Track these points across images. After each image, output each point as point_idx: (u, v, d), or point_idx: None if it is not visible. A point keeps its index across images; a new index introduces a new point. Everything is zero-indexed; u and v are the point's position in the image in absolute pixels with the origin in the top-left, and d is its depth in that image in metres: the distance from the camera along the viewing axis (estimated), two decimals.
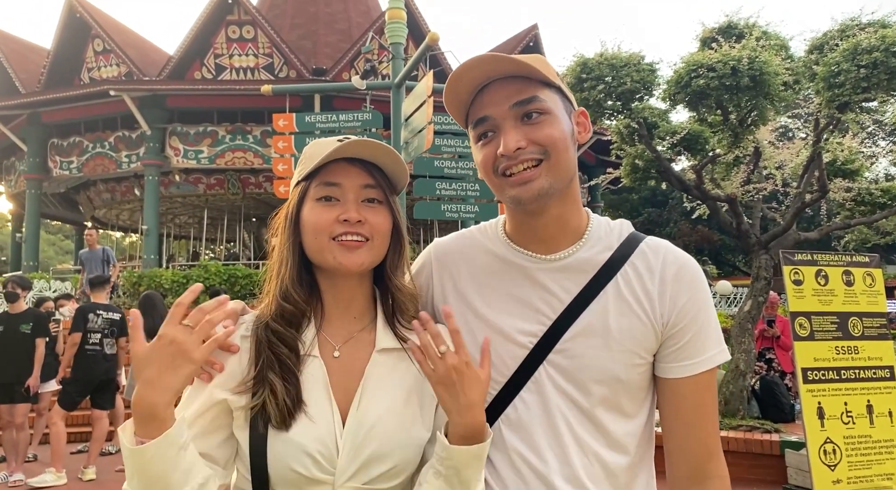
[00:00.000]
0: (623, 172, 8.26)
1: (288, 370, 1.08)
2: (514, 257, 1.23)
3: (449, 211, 7.78)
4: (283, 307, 1.13)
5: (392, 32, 7.65)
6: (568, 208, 1.20)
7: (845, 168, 7.77)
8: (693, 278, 1.19)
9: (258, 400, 1.06)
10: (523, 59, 1.13)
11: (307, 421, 1.07)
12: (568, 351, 1.16)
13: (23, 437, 6.36)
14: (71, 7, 18.76)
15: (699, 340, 1.17)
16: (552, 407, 1.16)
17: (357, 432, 1.09)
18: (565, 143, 1.15)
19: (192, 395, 1.11)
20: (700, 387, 1.17)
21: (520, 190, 1.14)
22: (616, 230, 1.25)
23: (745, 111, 6.72)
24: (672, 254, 1.21)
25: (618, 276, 1.18)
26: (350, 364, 1.15)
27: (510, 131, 1.13)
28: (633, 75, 7.02)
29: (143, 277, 13.87)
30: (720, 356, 1.18)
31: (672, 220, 28.78)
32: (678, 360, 1.17)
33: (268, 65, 18.35)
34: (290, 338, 1.12)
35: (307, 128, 8.48)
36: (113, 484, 6.20)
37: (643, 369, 1.18)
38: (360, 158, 1.16)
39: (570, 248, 1.20)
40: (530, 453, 1.16)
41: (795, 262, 4.78)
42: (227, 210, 21.37)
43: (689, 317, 1.16)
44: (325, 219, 1.13)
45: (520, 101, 1.14)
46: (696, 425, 1.17)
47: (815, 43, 7.12)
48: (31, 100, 18.26)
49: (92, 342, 6.43)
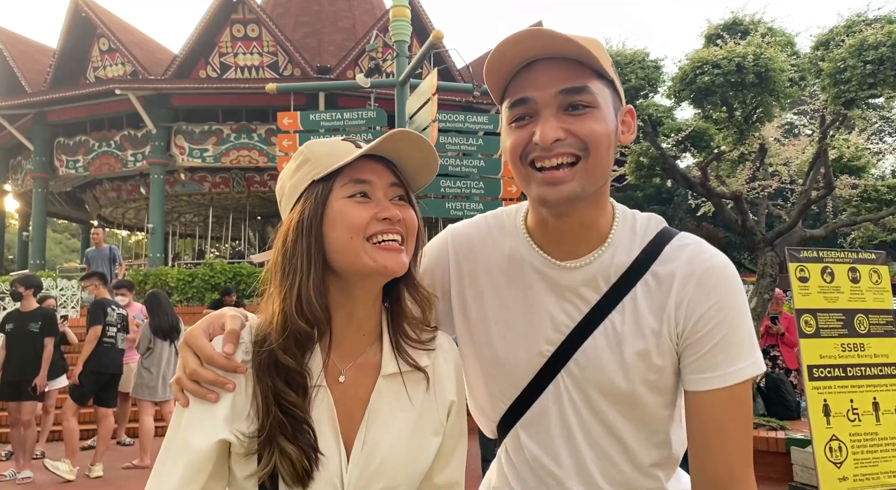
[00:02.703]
0: (628, 170, 8.24)
1: (299, 426, 0.98)
2: (533, 258, 1.15)
3: (453, 209, 7.79)
4: (297, 328, 1.00)
5: (396, 30, 7.66)
6: (596, 211, 1.11)
7: (851, 165, 7.73)
8: (720, 282, 1.07)
9: (268, 467, 0.95)
10: (580, 40, 1.01)
11: (320, 469, 1.00)
12: (584, 361, 1.11)
13: (30, 434, 6.40)
14: (76, 6, 18.81)
15: (723, 351, 1.04)
16: (569, 414, 1.13)
17: (364, 469, 1.03)
18: (608, 141, 1.04)
19: (188, 419, 1.00)
20: (725, 401, 1.04)
21: (547, 190, 1.03)
22: (641, 230, 1.14)
23: (751, 108, 6.70)
24: (700, 255, 1.09)
25: (639, 284, 1.10)
26: (354, 390, 1.07)
27: (550, 119, 1.02)
28: (638, 72, 7.00)
29: (148, 276, 13.93)
30: (751, 369, 1.05)
31: (677, 217, 28.71)
32: (698, 372, 1.06)
33: (272, 63, 18.37)
34: (299, 376, 1.00)
35: (312, 126, 8.50)
36: (120, 481, 6.24)
37: (662, 377, 1.10)
38: (383, 156, 1.08)
39: (592, 255, 1.11)
40: (547, 458, 1.14)
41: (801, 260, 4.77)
42: (232, 208, 21.43)
43: (712, 324, 1.05)
44: (363, 216, 1.02)
45: (567, 89, 1.02)
46: (716, 445, 1.05)
47: (821, 39, 7.09)
48: (38, 99, 18.33)
49: (109, 335, 6.53)
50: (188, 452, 0.97)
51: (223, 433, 0.97)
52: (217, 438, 0.97)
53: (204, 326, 1.05)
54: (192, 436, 0.98)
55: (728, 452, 1.05)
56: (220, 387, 0.99)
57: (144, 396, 6.69)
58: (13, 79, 20.02)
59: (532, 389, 1.14)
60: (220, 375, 1.00)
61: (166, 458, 0.99)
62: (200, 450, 0.97)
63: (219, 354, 1.00)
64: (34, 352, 6.36)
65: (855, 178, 7.80)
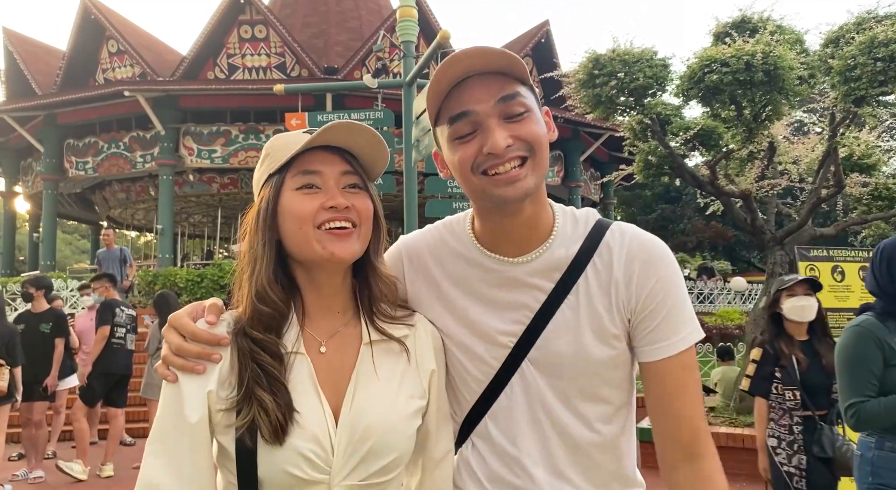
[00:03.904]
0: (636, 169, 8.22)
1: (275, 381, 1.03)
2: (485, 260, 1.22)
3: (460, 209, 7.77)
4: (259, 310, 1.07)
5: (403, 30, 7.65)
6: (538, 208, 1.20)
7: (862, 163, 7.68)
8: (660, 261, 1.19)
9: (246, 419, 1.00)
10: (509, 52, 1.11)
11: (299, 427, 1.03)
12: (546, 348, 1.18)
13: (41, 434, 6.45)
14: (86, 9, 18.93)
15: (671, 322, 1.17)
16: (534, 401, 1.19)
17: (354, 429, 1.06)
18: (546, 140, 1.15)
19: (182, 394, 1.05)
20: (678, 367, 1.17)
21: (506, 190, 1.10)
22: (582, 222, 1.24)
23: (760, 106, 6.67)
24: (637, 239, 1.21)
25: (587, 270, 1.19)
26: (338, 359, 1.12)
27: (497, 129, 1.09)
28: (646, 71, 6.98)
29: (158, 276, 13.99)
30: (694, 335, 1.18)
31: (686, 216, 28.57)
32: (653, 343, 1.17)
33: (280, 64, 18.42)
34: (271, 343, 1.06)
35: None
36: (130, 480, 6.27)
37: (618, 358, 1.20)
38: (336, 146, 1.13)
39: (540, 248, 1.20)
40: (513, 446, 1.19)
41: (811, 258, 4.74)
42: (240, 209, 21.46)
43: (659, 299, 1.16)
44: (309, 207, 1.08)
45: (505, 97, 1.10)
46: (678, 406, 1.17)
47: (831, 36, 7.04)
48: (48, 101, 18.44)
49: (118, 336, 6.57)
50: (186, 426, 1.02)
51: (208, 401, 1.04)
52: (205, 410, 1.03)
53: (187, 310, 1.13)
54: (188, 410, 1.02)
55: (688, 412, 1.17)
56: (205, 359, 1.05)
57: (154, 396, 6.71)
58: (23, 81, 20.17)
59: (498, 381, 1.20)
60: (204, 348, 1.06)
61: (164, 436, 1.03)
62: (196, 422, 1.02)
63: (202, 330, 1.07)
64: (45, 352, 6.40)
65: (865, 177, 7.75)
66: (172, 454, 1.02)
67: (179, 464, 1.02)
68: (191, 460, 1.02)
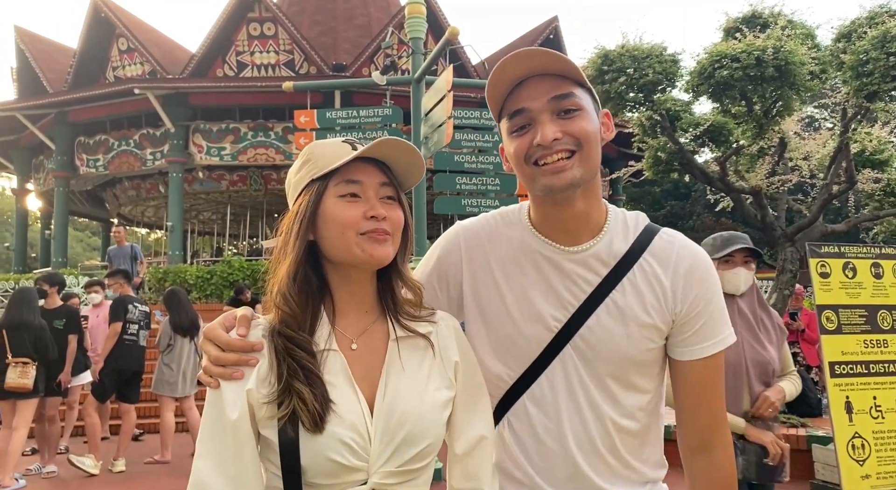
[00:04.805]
0: (645, 165, 8.19)
1: (311, 374, 1.11)
2: (539, 246, 1.31)
3: (469, 206, 7.78)
4: (291, 307, 1.16)
5: (412, 27, 7.65)
6: (591, 203, 1.28)
7: (874, 158, 7.62)
8: (705, 272, 1.29)
9: (287, 409, 1.08)
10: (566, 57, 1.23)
11: (337, 416, 1.10)
12: (590, 335, 1.26)
13: (54, 429, 6.52)
14: (96, 7, 19.04)
15: (709, 327, 1.28)
16: (574, 383, 1.27)
17: (389, 418, 1.13)
18: (596, 137, 1.24)
19: (223, 398, 1.12)
20: (710, 367, 1.29)
21: (552, 178, 1.21)
22: (633, 223, 1.33)
23: (770, 102, 6.63)
24: (686, 248, 1.30)
25: (635, 268, 1.27)
26: (369, 354, 1.20)
27: (547, 123, 1.21)
28: (656, 67, 6.95)
29: (168, 273, 14.08)
30: (728, 339, 1.30)
31: (695, 212, 28.42)
32: (691, 345, 1.28)
33: (288, 61, 18.46)
34: (304, 341, 1.14)
35: (328, 124, 8.53)
36: (142, 476, 6.33)
37: (655, 352, 1.30)
38: (375, 157, 1.21)
39: (592, 241, 1.28)
40: (552, 424, 1.28)
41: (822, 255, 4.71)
42: (249, 206, 21.58)
43: (701, 306, 1.27)
44: (354, 215, 1.16)
45: (557, 96, 1.21)
46: (705, 401, 1.31)
47: (843, 31, 6.98)
48: (59, 99, 18.58)
49: (130, 332, 6.62)
50: (228, 424, 1.09)
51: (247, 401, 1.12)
52: (246, 408, 1.10)
53: (220, 321, 1.20)
54: (228, 409, 1.10)
55: (712, 407, 1.31)
56: (243, 365, 1.13)
57: (165, 392, 6.77)
58: (35, 79, 20.32)
59: (540, 362, 1.29)
60: (240, 356, 1.14)
61: (208, 437, 1.11)
62: (237, 419, 1.09)
63: (235, 339, 1.15)
64: (59, 349, 6.46)
65: (877, 172, 7.69)
66: (217, 454, 1.10)
67: (224, 462, 1.09)
68: (234, 457, 1.09)
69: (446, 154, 7.77)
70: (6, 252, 34.41)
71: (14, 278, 14.54)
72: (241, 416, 1.09)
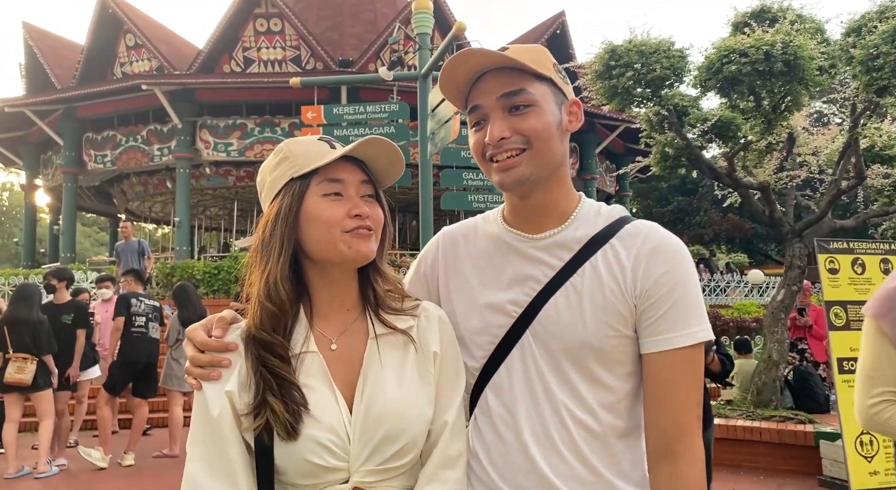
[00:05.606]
0: (652, 161, 8.16)
1: (285, 383, 1.11)
2: (506, 237, 1.32)
3: (476, 201, 7.79)
4: (266, 309, 1.15)
5: (418, 23, 7.64)
6: (557, 193, 1.29)
7: (884, 154, 7.56)
8: (673, 253, 1.21)
9: (261, 420, 1.09)
10: (513, 52, 1.21)
11: (313, 419, 1.10)
12: (546, 319, 1.23)
13: (64, 423, 6.58)
14: (104, 3, 19.10)
15: (676, 315, 1.17)
16: (531, 369, 1.23)
17: (367, 417, 1.13)
18: (548, 133, 1.22)
19: (205, 397, 1.14)
20: (676, 364, 1.17)
21: (502, 176, 1.23)
22: (605, 214, 1.30)
23: (779, 97, 6.59)
24: (655, 232, 1.25)
25: (598, 253, 1.24)
26: (348, 354, 1.20)
27: (496, 122, 1.22)
28: (663, 62, 6.92)
29: (175, 268, 14.14)
30: (700, 334, 1.17)
31: (702, 208, 28.29)
32: (654, 334, 1.18)
33: (295, 57, 18.47)
34: (279, 346, 1.14)
35: (335, 119, 8.54)
36: (151, 470, 6.37)
37: (620, 342, 1.21)
38: (355, 156, 1.22)
39: (556, 228, 1.28)
40: (509, 416, 1.23)
41: (831, 251, 4.69)
42: (256, 202, 21.54)
43: (666, 289, 1.18)
44: (338, 213, 1.17)
45: (506, 94, 1.22)
46: (667, 402, 1.17)
47: (853, 25, 6.92)
48: (67, 95, 18.65)
49: (137, 325, 6.67)
50: (211, 422, 1.11)
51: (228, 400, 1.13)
52: (227, 406, 1.12)
53: (202, 323, 1.22)
54: (210, 408, 1.12)
55: (678, 408, 1.17)
56: (217, 365, 1.14)
57: (174, 387, 6.81)
58: (43, 75, 20.42)
59: (501, 350, 1.26)
60: (214, 356, 1.15)
61: (196, 437, 1.12)
62: (218, 416, 1.11)
63: (210, 340, 1.17)
64: (67, 343, 6.51)
65: (887, 168, 7.63)
66: (204, 452, 1.11)
67: (211, 460, 1.10)
68: (219, 454, 1.10)
69: (453, 150, 7.77)
70: (15, 247, 34.65)
71: (23, 273, 14.63)
72: (223, 413, 1.10)
